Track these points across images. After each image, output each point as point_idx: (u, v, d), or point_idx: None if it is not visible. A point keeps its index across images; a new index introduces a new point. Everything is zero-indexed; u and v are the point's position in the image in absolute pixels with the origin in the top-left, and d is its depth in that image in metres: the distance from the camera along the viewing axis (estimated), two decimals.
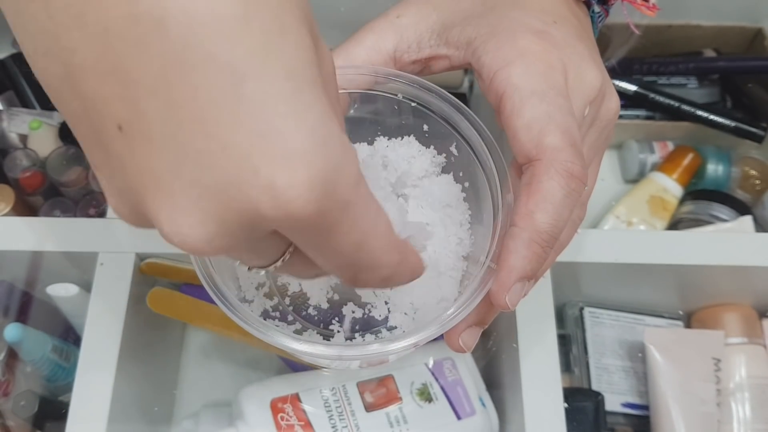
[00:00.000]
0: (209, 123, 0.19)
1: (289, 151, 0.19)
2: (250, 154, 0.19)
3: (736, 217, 0.63)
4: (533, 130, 0.30)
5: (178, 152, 0.20)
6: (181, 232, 0.20)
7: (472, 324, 0.31)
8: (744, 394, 0.55)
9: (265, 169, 0.19)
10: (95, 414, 0.45)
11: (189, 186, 0.20)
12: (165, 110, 0.19)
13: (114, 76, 0.19)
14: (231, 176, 0.19)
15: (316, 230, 0.21)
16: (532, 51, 0.31)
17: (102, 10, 0.19)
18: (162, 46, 0.19)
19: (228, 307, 0.30)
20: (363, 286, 0.25)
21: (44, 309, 0.54)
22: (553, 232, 0.29)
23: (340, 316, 0.35)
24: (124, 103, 0.19)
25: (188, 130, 0.19)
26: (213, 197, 0.20)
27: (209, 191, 0.20)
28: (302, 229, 0.21)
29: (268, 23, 0.20)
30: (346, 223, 0.21)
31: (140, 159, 0.20)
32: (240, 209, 0.20)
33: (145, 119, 0.19)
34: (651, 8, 0.40)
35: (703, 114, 0.67)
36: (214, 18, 0.19)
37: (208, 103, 0.19)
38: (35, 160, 0.61)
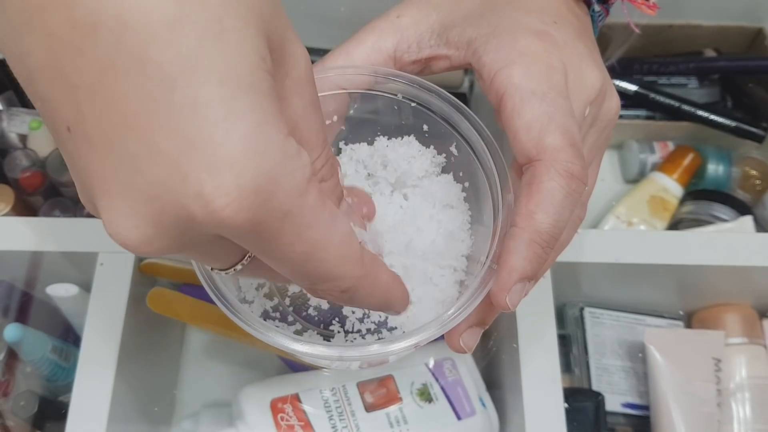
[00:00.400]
0: (140, 128, 0.19)
1: (218, 159, 0.19)
2: (179, 160, 0.19)
3: (737, 217, 0.63)
4: (533, 131, 0.30)
5: (114, 156, 0.20)
6: (121, 233, 0.21)
7: (472, 324, 0.31)
8: (744, 395, 0.55)
9: (194, 176, 0.19)
10: (95, 414, 0.45)
11: (125, 189, 0.20)
12: (101, 114, 0.19)
13: (59, 79, 0.20)
14: (163, 182, 0.20)
15: (256, 239, 0.21)
16: (532, 51, 0.31)
17: (46, 15, 0.19)
18: (96, 51, 0.19)
19: (228, 307, 0.30)
20: (323, 297, 0.25)
21: (44, 309, 0.54)
22: (554, 232, 0.29)
23: (340, 317, 0.35)
24: (69, 106, 0.20)
25: (122, 134, 0.19)
26: (147, 201, 0.20)
27: (144, 195, 0.20)
28: (241, 237, 0.21)
29: (203, 26, 0.19)
30: (288, 234, 0.21)
31: (85, 160, 0.20)
32: (174, 214, 0.20)
33: (86, 122, 0.20)
34: (651, 7, 0.40)
35: (703, 114, 0.67)
36: (146, 23, 0.19)
37: (140, 108, 0.19)
38: (35, 160, 0.61)
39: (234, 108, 0.20)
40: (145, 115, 0.19)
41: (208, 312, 0.51)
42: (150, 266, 0.50)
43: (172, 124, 0.19)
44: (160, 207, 0.20)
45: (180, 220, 0.20)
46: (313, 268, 0.23)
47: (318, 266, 0.23)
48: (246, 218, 0.20)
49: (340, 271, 0.24)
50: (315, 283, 0.24)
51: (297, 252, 0.22)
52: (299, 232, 0.21)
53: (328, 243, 0.23)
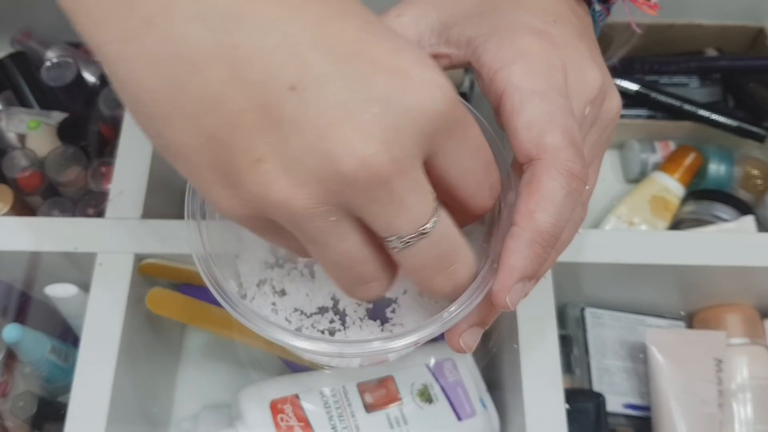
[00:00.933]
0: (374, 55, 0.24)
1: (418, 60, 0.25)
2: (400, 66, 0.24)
3: (738, 217, 0.63)
4: (533, 130, 0.29)
5: (348, 82, 0.23)
6: (368, 145, 0.23)
7: (473, 324, 0.31)
8: (746, 395, 0.55)
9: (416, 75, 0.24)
10: (94, 415, 0.45)
11: (366, 105, 0.23)
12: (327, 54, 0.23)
13: (280, 46, 0.23)
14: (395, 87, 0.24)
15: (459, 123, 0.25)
16: (532, 51, 0.31)
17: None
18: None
19: (229, 303, 0.30)
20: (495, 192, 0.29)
21: (43, 309, 0.54)
22: (555, 231, 0.29)
23: (341, 314, 0.35)
24: (292, 64, 0.23)
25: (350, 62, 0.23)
26: (388, 108, 0.23)
27: (384, 104, 0.23)
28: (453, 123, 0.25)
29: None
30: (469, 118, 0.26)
31: (317, 104, 0.23)
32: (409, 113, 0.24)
33: (314, 68, 0.23)
34: (652, 7, 0.40)
35: (704, 113, 0.67)
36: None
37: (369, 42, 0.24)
38: (34, 159, 0.61)
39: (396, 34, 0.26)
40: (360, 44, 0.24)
41: (208, 312, 0.51)
42: (149, 267, 0.50)
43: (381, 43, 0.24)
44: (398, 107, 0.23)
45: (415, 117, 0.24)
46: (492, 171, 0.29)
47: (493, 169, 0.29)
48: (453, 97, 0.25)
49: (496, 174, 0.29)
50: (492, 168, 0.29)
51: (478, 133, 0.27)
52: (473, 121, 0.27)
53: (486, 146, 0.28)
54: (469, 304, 0.30)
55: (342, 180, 0.23)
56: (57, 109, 0.66)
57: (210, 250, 0.31)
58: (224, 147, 0.24)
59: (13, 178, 0.60)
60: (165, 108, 0.24)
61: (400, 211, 0.25)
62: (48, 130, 0.63)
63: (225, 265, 0.33)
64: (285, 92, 0.23)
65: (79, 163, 0.61)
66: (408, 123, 0.24)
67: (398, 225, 0.25)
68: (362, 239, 0.26)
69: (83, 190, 0.61)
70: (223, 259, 0.32)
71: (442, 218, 0.26)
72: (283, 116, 0.23)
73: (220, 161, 0.24)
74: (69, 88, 0.65)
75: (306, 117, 0.23)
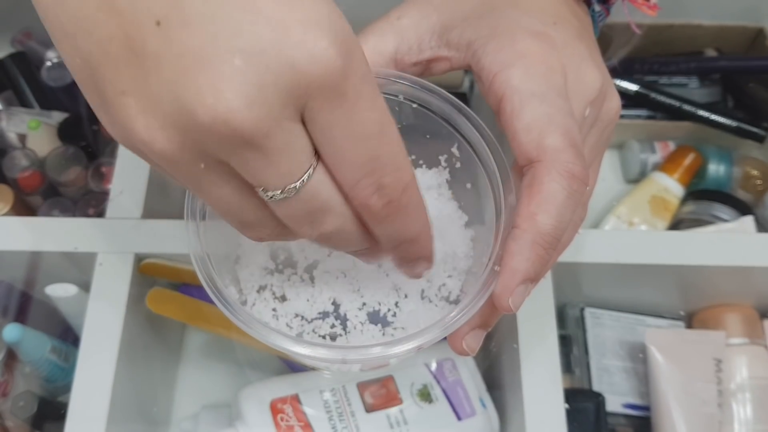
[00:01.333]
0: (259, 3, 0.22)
1: (313, 16, 0.22)
2: (281, 18, 0.22)
3: (738, 217, 0.63)
4: (533, 132, 0.30)
5: (216, 27, 0.22)
6: (224, 98, 0.22)
7: (475, 327, 0.31)
8: (745, 395, 0.55)
9: (296, 29, 0.22)
10: (94, 415, 0.45)
11: (229, 54, 0.22)
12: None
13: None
14: (267, 38, 0.22)
15: (341, 96, 0.23)
16: (531, 53, 0.31)
17: None
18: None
19: (229, 309, 0.30)
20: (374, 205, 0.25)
21: (43, 309, 0.54)
22: (556, 233, 0.29)
23: (342, 319, 0.35)
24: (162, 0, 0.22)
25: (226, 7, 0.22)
26: (252, 61, 0.22)
27: (248, 56, 0.22)
28: (332, 92, 0.23)
29: None
30: (366, 97, 0.23)
31: (179, 45, 0.22)
32: (277, 68, 0.22)
33: (184, 6, 0.22)
34: (652, 7, 0.40)
35: (704, 114, 0.67)
36: None
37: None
38: (34, 160, 0.61)
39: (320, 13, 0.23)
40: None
41: (208, 312, 0.51)
42: (149, 266, 0.50)
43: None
44: (264, 62, 0.22)
45: (282, 75, 0.22)
46: (383, 145, 0.24)
47: (388, 144, 0.25)
48: (340, 66, 0.22)
49: (403, 158, 0.25)
50: (381, 168, 0.25)
51: (372, 119, 0.24)
52: (374, 98, 0.24)
53: (393, 124, 0.25)
54: (471, 307, 0.30)
55: (197, 130, 0.22)
56: (57, 109, 0.66)
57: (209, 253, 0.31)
58: (95, 73, 0.23)
59: (14, 178, 0.60)
60: (52, 25, 0.24)
61: (265, 167, 0.24)
62: (48, 130, 0.63)
63: (225, 270, 0.33)
64: (151, 26, 0.22)
65: (80, 163, 0.61)
66: (273, 80, 0.22)
67: (264, 180, 0.24)
68: (238, 186, 0.25)
69: (83, 190, 0.61)
70: (222, 264, 0.32)
71: (316, 177, 0.25)
72: (147, 51, 0.22)
73: (96, 87, 0.24)
74: (69, 88, 0.65)
75: (166, 57, 0.22)
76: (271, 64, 0.22)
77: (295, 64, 0.22)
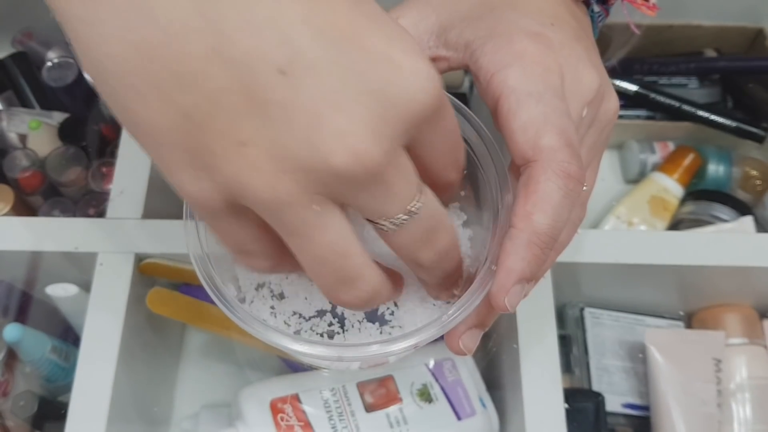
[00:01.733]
0: (365, 41, 0.23)
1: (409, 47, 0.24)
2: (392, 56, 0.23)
3: (737, 217, 0.63)
4: (529, 132, 0.30)
5: (341, 71, 0.22)
6: (359, 141, 0.23)
7: (472, 326, 0.31)
8: (745, 395, 0.55)
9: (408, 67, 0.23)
10: (94, 414, 0.45)
11: (358, 97, 0.22)
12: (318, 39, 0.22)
13: (268, 23, 0.22)
14: (387, 78, 0.23)
15: (439, 115, 0.25)
16: (528, 53, 0.31)
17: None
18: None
19: (227, 307, 0.30)
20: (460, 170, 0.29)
21: (43, 309, 0.54)
22: (552, 233, 0.29)
23: (340, 317, 0.35)
24: (281, 46, 0.22)
25: (342, 49, 0.22)
26: (378, 100, 0.23)
27: (375, 96, 0.23)
28: (434, 114, 0.24)
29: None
30: (447, 108, 0.26)
31: (307, 92, 0.22)
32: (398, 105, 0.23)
33: (306, 53, 0.22)
34: (651, 8, 0.40)
35: (703, 114, 0.67)
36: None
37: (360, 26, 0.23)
38: (34, 160, 0.61)
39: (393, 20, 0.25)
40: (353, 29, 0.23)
41: (208, 312, 0.51)
42: (149, 266, 0.50)
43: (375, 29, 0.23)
44: (388, 99, 0.23)
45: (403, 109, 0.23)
46: (459, 146, 0.28)
47: (460, 144, 0.28)
48: (440, 88, 0.24)
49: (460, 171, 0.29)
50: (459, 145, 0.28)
51: (455, 124, 0.27)
52: (449, 108, 0.26)
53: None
54: (468, 306, 0.30)
55: (332, 172, 0.23)
56: (58, 109, 0.66)
57: (208, 252, 0.31)
58: (200, 127, 0.23)
59: (14, 178, 0.60)
60: (134, 81, 0.23)
61: (389, 197, 0.25)
62: (49, 131, 0.63)
63: (223, 268, 0.33)
64: (273, 75, 0.22)
65: (80, 164, 0.61)
66: (398, 115, 0.23)
67: (388, 210, 0.25)
68: (346, 229, 0.25)
69: (84, 190, 0.62)
70: (221, 262, 0.32)
71: (427, 194, 0.26)
72: (271, 100, 0.22)
73: (194, 142, 0.23)
74: (70, 88, 0.65)
75: (296, 104, 0.22)
76: (395, 101, 0.23)
77: (413, 98, 0.23)
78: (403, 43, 0.24)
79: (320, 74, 0.22)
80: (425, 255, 0.28)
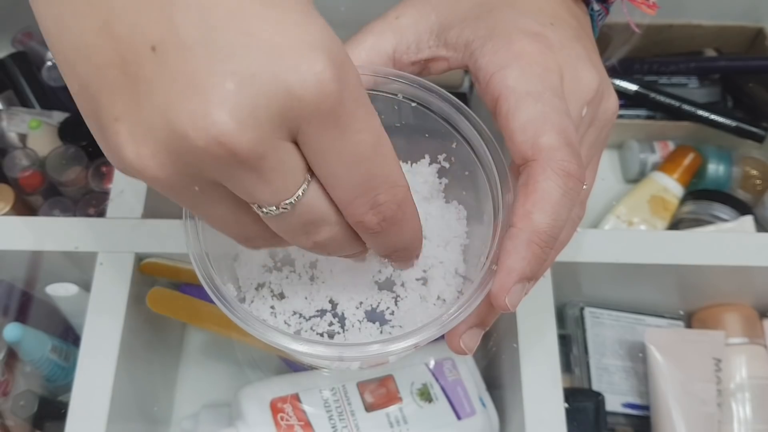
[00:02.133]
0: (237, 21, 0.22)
1: (308, 40, 0.22)
2: (275, 41, 0.22)
3: (737, 217, 0.63)
4: (529, 131, 0.30)
5: (209, 51, 0.22)
6: (218, 122, 0.22)
7: (472, 325, 0.31)
8: (745, 395, 0.55)
9: (290, 53, 0.22)
10: (95, 414, 0.45)
11: (221, 78, 0.22)
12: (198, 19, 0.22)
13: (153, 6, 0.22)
14: (261, 62, 0.22)
15: (334, 119, 0.23)
16: (527, 53, 0.31)
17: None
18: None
19: (227, 307, 0.30)
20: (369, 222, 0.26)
21: (44, 309, 0.54)
22: (552, 232, 0.29)
23: (340, 317, 0.35)
24: (158, 25, 0.22)
25: (220, 31, 0.22)
26: (245, 84, 0.22)
27: (241, 79, 0.22)
28: (325, 116, 0.23)
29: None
30: (360, 119, 0.24)
31: (172, 69, 0.22)
32: (271, 91, 0.22)
33: (179, 31, 0.22)
34: (651, 6, 0.40)
35: (703, 114, 0.67)
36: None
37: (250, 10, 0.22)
38: (35, 159, 0.61)
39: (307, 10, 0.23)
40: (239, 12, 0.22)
41: (208, 312, 0.51)
42: (150, 266, 0.50)
43: (265, 14, 0.22)
44: (257, 85, 0.22)
45: (276, 98, 0.22)
46: (378, 164, 0.25)
47: (382, 163, 0.25)
48: (334, 90, 0.22)
49: (398, 173, 0.25)
50: (376, 187, 0.25)
51: (366, 141, 0.24)
52: (368, 119, 0.24)
53: (387, 141, 0.25)
54: (469, 305, 0.30)
55: (191, 154, 0.23)
56: (58, 109, 0.66)
57: (207, 251, 0.31)
58: (92, 99, 0.24)
59: (14, 177, 0.60)
60: (55, 51, 0.24)
61: (259, 186, 0.24)
62: (49, 130, 0.63)
63: (223, 268, 0.33)
64: (146, 51, 0.22)
65: (80, 163, 0.61)
66: (266, 103, 0.22)
67: (259, 198, 0.24)
68: (233, 204, 0.25)
69: (84, 190, 0.62)
70: (221, 262, 0.33)
71: (309, 193, 0.25)
72: (140, 77, 0.22)
73: (93, 113, 0.24)
74: None
75: (159, 82, 0.22)
76: (264, 87, 0.22)
77: (289, 89, 0.22)
78: (299, 31, 0.23)
79: (188, 53, 0.22)
80: (303, 243, 0.27)
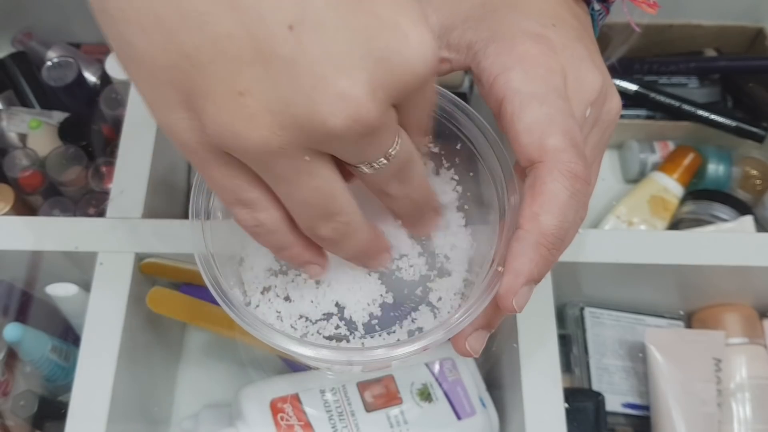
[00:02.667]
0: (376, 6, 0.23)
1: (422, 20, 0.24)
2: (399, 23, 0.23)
3: (737, 217, 0.63)
4: (534, 133, 0.30)
5: (348, 34, 0.23)
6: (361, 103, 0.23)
7: (479, 328, 0.31)
8: (745, 395, 0.55)
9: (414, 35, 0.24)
10: (95, 414, 0.45)
11: (363, 61, 0.23)
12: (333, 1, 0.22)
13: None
14: (392, 44, 0.23)
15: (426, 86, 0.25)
16: (530, 55, 0.31)
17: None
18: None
19: (234, 311, 0.30)
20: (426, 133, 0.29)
21: (44, 309, 0.54)
22: (559, 233, 0.29)
23: (347, 321, 0.35)
24: (294, 3, 0.22)
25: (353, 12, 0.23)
26: (383, 65, 0.23)
27: (379, 61, 0.23)
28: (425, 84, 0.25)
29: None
30: (432, 82, 0.26)
31: (314, 50, 0.22)
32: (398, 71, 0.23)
33: (318, 12, 0.22)
34: (652, 6, 0.40)
35: (703, 114, 0.67)
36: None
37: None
38: (35, 159, 0.61)
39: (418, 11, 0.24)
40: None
41: (208, 312, 0.51)
42: (149, 266, 0.50)
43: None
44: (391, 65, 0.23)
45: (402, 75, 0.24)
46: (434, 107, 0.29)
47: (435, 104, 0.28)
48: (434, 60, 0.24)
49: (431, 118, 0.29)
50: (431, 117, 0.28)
51: (434, 93, 0.27)
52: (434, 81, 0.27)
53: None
54: (475, 309, 0.30)
55: (328, 132, 0.23)
56: (58, 108, 0.66)
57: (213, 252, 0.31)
58: (199, 70, 0.23)
59: (14, 177, 0.60)
60: (139, 14, 0.23)
61: (373, 147, 0.26)
62: (49, 130, 0.63)
63: (229, 272, 0.33)
64: (282, 29, 0.22)
65: (80, 163, 0.61)
66: (398, 82, 0.24)
67: (370, 157, 0.26)
68: (334, 173, 0.26)
69: (84, 190, 0.62)
70: (227, 265, 0.32)
71: (403, 138, 0.27)
72: (277, 54, 0.22)
73: (190, 83, 0.23)
74: (70, 87, 0.65)
75: (302, 62, 0.22)
76: (398, 69, 0.23)
77: (414, 69, 0.24)
78: (411, 11, 0.24)
79: (328, 34, 0.22)
80: (395, 188, 0.29)
